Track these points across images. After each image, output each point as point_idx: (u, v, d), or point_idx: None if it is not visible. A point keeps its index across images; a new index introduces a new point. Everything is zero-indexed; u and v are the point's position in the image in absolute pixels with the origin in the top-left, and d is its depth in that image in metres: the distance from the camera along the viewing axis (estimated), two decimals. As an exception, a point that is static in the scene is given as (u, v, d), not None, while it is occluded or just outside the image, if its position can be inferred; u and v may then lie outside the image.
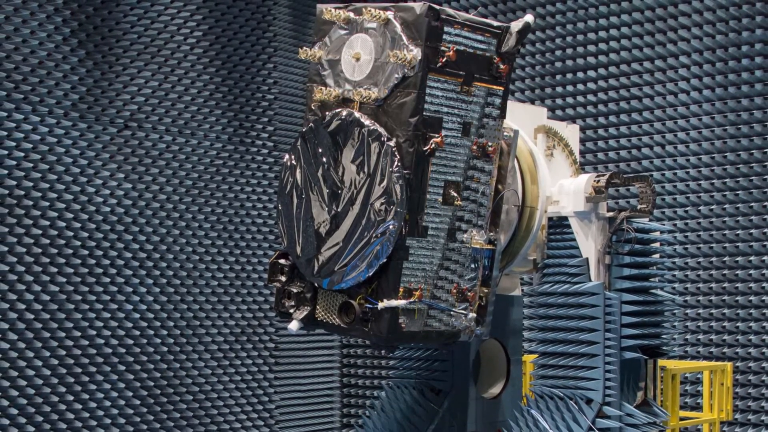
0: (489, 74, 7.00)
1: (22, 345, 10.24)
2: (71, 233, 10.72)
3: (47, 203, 10.52)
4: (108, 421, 10.92)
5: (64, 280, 10.63)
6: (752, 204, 10.47)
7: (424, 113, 6.67)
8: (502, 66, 7.04)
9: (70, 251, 10.70)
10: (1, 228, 10.14)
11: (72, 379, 10.65)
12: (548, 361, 7.67)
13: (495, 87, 7.04)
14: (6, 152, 10.20)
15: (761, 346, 10.38)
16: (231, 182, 12.34)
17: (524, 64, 12.14)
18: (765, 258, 10.39)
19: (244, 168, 12.50)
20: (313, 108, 7.07)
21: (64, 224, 10.65)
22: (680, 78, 10.99)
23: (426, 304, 6.81)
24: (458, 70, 6.81)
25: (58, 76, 10.71)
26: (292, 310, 7.11)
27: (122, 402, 11.08)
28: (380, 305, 6.61)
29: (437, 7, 6.71)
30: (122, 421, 11.06)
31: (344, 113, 6.82)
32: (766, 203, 10.39)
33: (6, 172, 10.20)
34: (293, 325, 7.07)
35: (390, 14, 6.74)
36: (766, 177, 10.41)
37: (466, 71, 6.86)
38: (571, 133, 8.26)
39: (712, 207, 10.74)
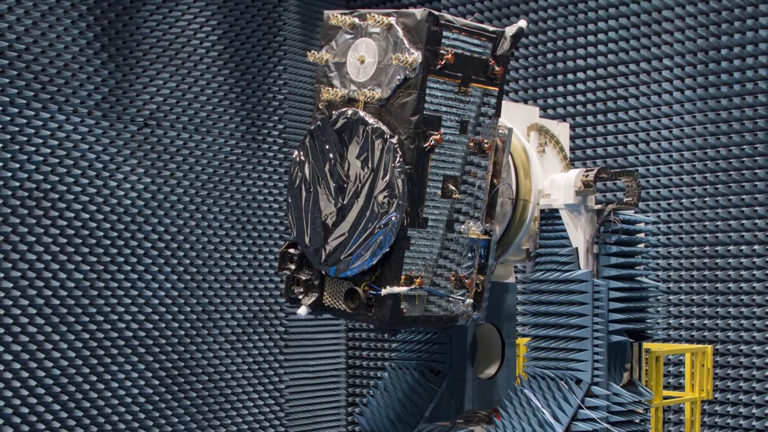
0: (485, 76, 7.00)
1: (48, 329, 10.26)
2: (94, 224, 10.73)
3: (72, 196, 10.53)
4: (129, 400, 10.94)
5: (88, 268, 10.65)
6: (731, 197, 10.48)
7: (424, 112, 6.67)
8: (497, 68, 7.04)
9: (93, 241, 10.71)
10: (28, 219, 10.16)
11: (95, 361, 10.66)
12: (540, 344, 7.68)
13: (490, 88, 7.04)
14: (33, 149, 10.22)
15: (739, 329, 10.39)
16: (243, 177, 12.34)
17: (518, 66, 12.13)
18: (743, 247, 10.40)
19: (255, 164, 12.50)
20: (320, 107, 7.07)
21: (87, 216, 10.66)
22: (663, 79, 10.98)
23: (426, 290, 6.81)
24: (456, 71, 6.81)
25: (82, 77, 10.72)
26: (301, 297, 7.12)
27: (142, 382, 11.10)
28: (383, 292, 6.61)
29: (437, 13, 6.71)
30: (142, 400, 11.08)
31: (350, 112, 6.82)
32: (744, 196, 10.40)
33: (33, 167, 10.22)
34: (302, 311, 7.08)
35: (392, 20, 6.74)
36: (743, 171, 10.41)
37: (463, 73, 6.85)
38: (561, 130, 8.26)
39: (694, 200, 10.75)
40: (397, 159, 6.59)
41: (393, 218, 6.60)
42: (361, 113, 6.77)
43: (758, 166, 10.32)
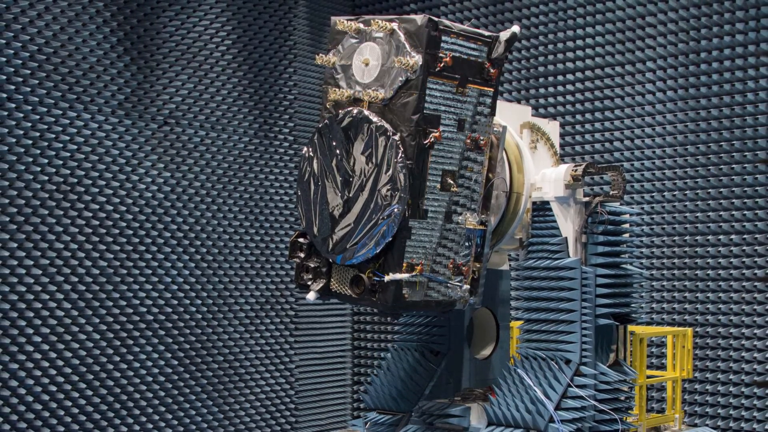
0: (481, 77, 6.99)
1: (75, 313, 10.28)
2: (118, 215, 10.74)
3: (97, 189, 10.53)
4: (150, 378, 10.96)
5: (112, 256, 10.66)
6: (709, 190, 10.47)
7: (425, 111, 6.67)
8: (492, 70, 7.03)
9: (117, 231, 10.72)
10: (56, 211, 10.17)
11: (119, 343, 10.68)
12: (532, 327, 7.67)
13: (486, 88, 7.03)
14: (61, 145, 10.23)
15: (717, 313, 10.39)
16: (256, 171, 12.34)
17: (511, 69, 12.12)
18: (720, 237, 10.39)
19: (267, 159, 12.50)
20: (328, 107, 7.07)
21: (111, 208, 10.67)
22: (647, 81, 10.98)
23: (426, 277, 6.81)
24: (454, 73, 6.80)
25: (106, 79, 10.72)
26: (309, 283, 7.11)
27: (162, 362, 11.11)
28: (386, 278, 6.62)
29: (436, 19, 6.70)
30: (162, 379, 11.09)
31: (355, 111, 6.82)
32: (721, 189, 10.39)
33: (61, 162, 10.22)
34: (311, 296, 7.08)
35: (395, 25, 6.73)
36: (721, 166, 10.41)
37: (460, 75, 6.85)
38: (552, 128, 8.25)
39: (675, 193, 10.74)
40: (399, 155, 6.59)
41: (395, 210, 6.60)
42: (366, 112, 6.77)
43: (735, 161, 10.32)
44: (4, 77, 9.83)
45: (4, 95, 9.81)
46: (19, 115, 9.92)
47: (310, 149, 7.08)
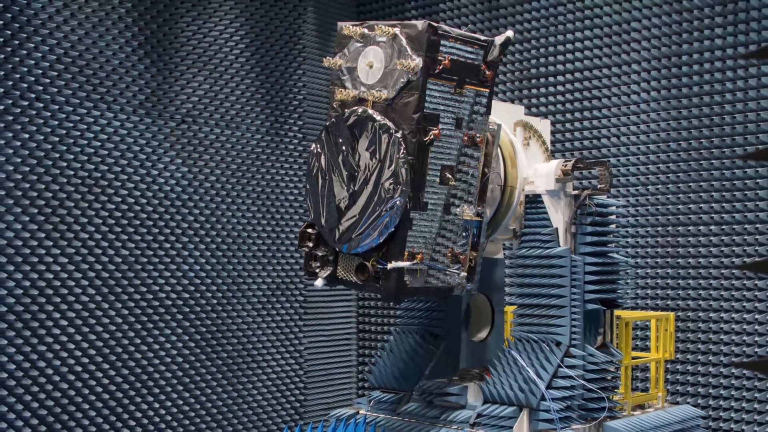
0: (477, 79, 7.00)
1: (99, 298, 10.30)
2: (138, 208, 10.75)
3: (119, 183, 10.55)
4: (168, 359, 10.98)
5: (133, 245, 10.67)
6: (690, 183, 10.48)
7: (425, 110, 6.68)
8: (487, 72, 7.05)
9: (138, 222, 10.74)
10: (81, 203, 10.18)
11: (139, 326, 10.70)
12: (525, 312, 7.70)
13: (482, 89, 7.05)
14: (86, 142, 10.24)
15: (698, 299, 10.40)
16: (268, 167, 12.35)
17: (506, 71, 12.12)
18: (701, 227, 10.40)
19: (278, 155, 12.50)
20: (334, 106, 7.09)
21: (132, 200, 10.69)
22: (632, 82, 10.98)
23: (426, 265, 6.83)
24: (452, 75, 6.82)
25: (128, 80, 10.73)
26: (317, 270, 7.14)
27: (180, 345, 11.13)
28: (389, 266, 6.64)
29: (435, 24, 6.72)
30: (180, 359, 11.12)
31: (360, 110, 6.84)
32: (702, 183, 10.40)
33: (86, 158, 10.24)
34: (319, 282, 7.10)
35: (397, 30, 6.75)
36: (701, 162, 10.41)
37: (458, 76, 6.86)
38: (543, 126, 8.26)
39: (658, 186, 10.75)
40: (401, 151, 6.61)
41: (397, 202, 6.62)
42: (370, 111, 6.79)
43: (714, 157, 10.33)
44: (33, 78, 9.85)
45: (33, 95, 9.83)
46: (46, 114, 9.94)
47: (318, 146, 7.10)
